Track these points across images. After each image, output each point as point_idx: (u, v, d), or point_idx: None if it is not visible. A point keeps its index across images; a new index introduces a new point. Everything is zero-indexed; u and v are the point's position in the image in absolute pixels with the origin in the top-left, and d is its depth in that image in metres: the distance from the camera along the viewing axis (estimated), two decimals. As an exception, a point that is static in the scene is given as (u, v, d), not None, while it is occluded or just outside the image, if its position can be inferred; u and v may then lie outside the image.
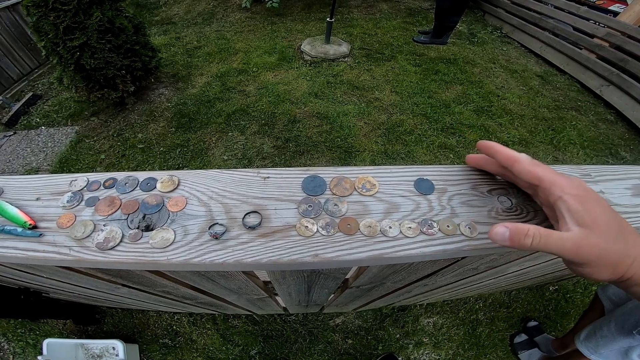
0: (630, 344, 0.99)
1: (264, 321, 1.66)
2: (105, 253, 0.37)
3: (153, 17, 4.74)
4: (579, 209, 0.31)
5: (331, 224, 0.39)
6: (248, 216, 0.39)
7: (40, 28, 2.27)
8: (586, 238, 0.30)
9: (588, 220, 0.31)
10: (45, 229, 0.40)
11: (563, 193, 0.32)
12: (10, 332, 1.57)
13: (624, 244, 0.30)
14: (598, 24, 3.36)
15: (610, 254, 0.30)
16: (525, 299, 1.78)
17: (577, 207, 0.31)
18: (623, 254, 0.30)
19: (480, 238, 0.40)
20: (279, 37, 4.10)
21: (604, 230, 0.30)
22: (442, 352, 1.60)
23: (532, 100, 3.14)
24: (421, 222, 0.40)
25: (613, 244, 0.30)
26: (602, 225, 0.30)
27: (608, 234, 0.30)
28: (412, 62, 3.61)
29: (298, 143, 2.59)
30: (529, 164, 0.35)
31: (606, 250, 0.30)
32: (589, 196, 0.32)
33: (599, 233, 0.30)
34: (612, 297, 1.16)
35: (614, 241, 0.30)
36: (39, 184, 0.45)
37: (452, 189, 0.44)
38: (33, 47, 3.50)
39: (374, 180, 0.43)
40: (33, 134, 2.75)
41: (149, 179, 0.43)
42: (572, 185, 0.33)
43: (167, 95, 3.12)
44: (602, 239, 0.30)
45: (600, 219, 0.31)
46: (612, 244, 0.30)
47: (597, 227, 0.30)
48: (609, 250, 0.30)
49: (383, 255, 0.37)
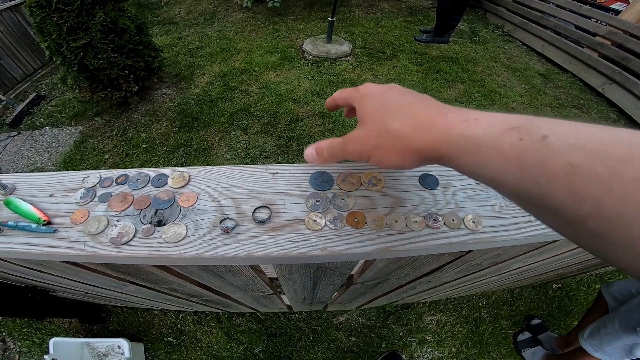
0: (634, 341, 0.99)
1: (268, 319, 1.67)
2: (119, 248, 0.38)
3: (155, 17, 4.76)
4: (358, 110, 0.33)
5: (339, 217, 0.40)
6: (258, 211, 0.40)
7: (43, 28, 2.28)
8: (355, 131, 0.32)
9: (360, 116, 0.32)
10: (59, 224, 0.41)
11: (353, 100, 0.35)
12: (16, 331, 1.58)
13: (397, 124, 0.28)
14: (600, 22, 3.35)
15: (370, 139, 0.30)
16: (529, 297, 1.78)
17: (357, 108, 0.33)
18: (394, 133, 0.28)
19: (484, 232, 0.41)
20: (281, 37, 4.10)
21: (370, 117, 0.31)
22: (445, 349, 1.61)
23: (534, 98, 3.14)
24: (427, 216, 0.41)
25: (375, 129, 0.30)
26: (369, 115, 0.31)
27: (373, 120, 0.30)
28: (414, 61, 3.61)
29: (301, 142, 2.60)
30: (338, 93, 0.38)
31: (366, 136, 0.30)
32: (370, 92, 0.33)
33: (366, 123, 0.31)
34: (616, 295, 1.17)
35: (377, 126, 0.30)
36: (51, 181, 0.46)
37: (456, 184, 0.45)
38: (36, 48, 3.52)
39: (380, 176, 0.44)
40: (37, 134, 2.77)
41: (160, 175, 0.44)
42: (358, 90, 0.34)
43: (170, 95, 3.14)
44: (366, 128, 0.31)
45: (368, 108, 0.31)
46: (375, 129, 0.30)
47: (365, 117, 0.31)
48: (369, 136, 0.30)
49: (390, 248, 0.38)
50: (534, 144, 0.20)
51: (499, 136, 0.21)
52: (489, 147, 0.22)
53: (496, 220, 0.42)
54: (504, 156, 0.21)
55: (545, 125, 0.20)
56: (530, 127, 0.20)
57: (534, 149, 0.19)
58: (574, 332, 1.34)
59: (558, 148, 0.18)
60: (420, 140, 0.27)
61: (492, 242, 0.41)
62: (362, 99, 0.33)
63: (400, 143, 0.28)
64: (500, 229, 0.42)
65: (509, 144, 0.21)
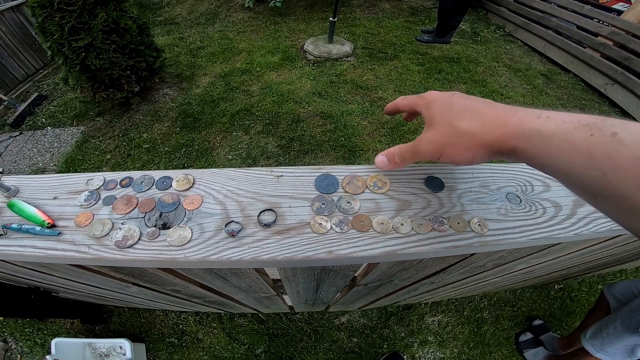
0: (636, 342, 0.99)
1: (270, 320, 1.67)
2: (124, 251, 0.38)
3: (156, 17, 4.77)
4: (425, 114, 0.36)
5: (344, 221, 0.40)
6: (263, 214, 0.40)
7: (45, 29, 2.29)
8: (424, 134, 0.35)
9: (429, 120, 0.35)
10: (64, 227, 0.41)
11: (418, 107, 0.38)
12: (18, 332, 1.58)
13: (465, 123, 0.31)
14: (602, 23, 3.35)
15: (440, 139, 0.33)
16: (531, 297, 1.77)
17: (425, 113, 0.36)
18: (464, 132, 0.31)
19: (490, 235, 0.41)
20: (282, 37, 4.10)
21: (438, 120, 0.34)
22: (447, 350, 1.61)
23: (536, 99, 3.13)
24: (432, 219, 0.41)
25: (445, 130, 0.33)
26: (437, 118, 0.34)
27: (441, 122, 0.33)
28: (415, 61, 3.61)
29: (302, 142, 2.60)
30: (401, 99, 0.41)
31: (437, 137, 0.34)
32: (436, 99, 0.36)
33: (435, 126, 0.34)
34: (618, 296, 1.16)
35: (446, 127, 0.33)
36: (55, 183, 0.46)
37: (461, 187, 0.45)
38: (38, 48, 3.53)
39: (385, 179, 0.44)
40: (39, 135, 2.77)
41: (164, 178, 0.44)
42: (423, 97, 0.38)
43: (172, 95, 3.14)
44: (435, 130, 0.34)
45: (436, 112, 0.34)
46: (444, 130, 0.33)
47: (434, 121, 0.34)
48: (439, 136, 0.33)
49: (396, 252, 0.38)
50: (604, 139, 0.22)
51: (572, 131, 0.24)
52: (561, 140, 0.24)
53: (501, 223, 0.42)
54: (575, 148, 0.23)
55: (617, 123, 0.22)
56: (602, 124, 0.23)
57: (604, 144, 0.21)
58: (576, 333, 1.34)
59: (628, 144, 0.20)
60: (491, 135, 0.30)
61: (498, 245, 0.41)
62: (430, 105, 0.36)
63: (469, 140, 0.31)
64: (506, 232, 0.42)
65: (581, 137, 0.23)
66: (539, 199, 0.46)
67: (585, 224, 0.43)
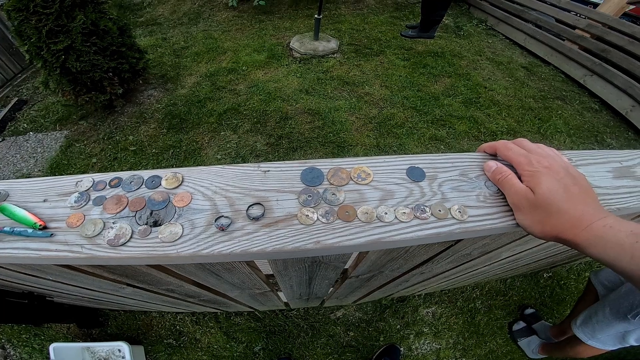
0: (627, 328, 0.99)
1: (266, 317, 1.68)
2: (117, 249, 0.38)
3: (137, 18, 4.67)
4: (533, 183, 0.40)
5: (330, 212, 0.41)
6: (251, 208, 0.42)
7: (22, 32, 2.23)
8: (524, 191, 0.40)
9: (539, 192, 0.39)
10: (56, 229, 0.41)
11: (525, 171, 0.42)
12: (15, 338, 1.56)
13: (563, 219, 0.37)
14: (579, 16, 3.44)
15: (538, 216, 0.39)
16: (521, 286, 1.82)
17: (533, 181, 0.40)
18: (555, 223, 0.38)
19: (470, 221, 0.43)
20: (268, 35, 4.08)
21: (546, 202, 0.38)
22: (442, 341, 1.64)
23: (518, 91, 3.21)
24: (414, 208, 0.43)
25: (546, 214, 0.38)
26: (546, 198, 0.38)
27: (549, 207, 0.38)
28: (400, 56, 3.65)
29: (291, 140, 2.60)
30: (504, 148, 0.46)
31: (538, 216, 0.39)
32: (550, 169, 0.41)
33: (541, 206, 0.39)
34: (605, 282, 1.17)
35: (549, 213, 0.38)
36: (44, 186, 0.47)
37: (442, 176, 0.47)
38: (15, 52, 3.42)
39: (369, 170, 0.46)
40: (21, 140, 2.70)
41: (153, 177, 0.45)
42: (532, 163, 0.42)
43: (157, 96, 3.09)
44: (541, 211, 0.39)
45: (546, 192, 0.39)
46: (546, 214, 0.38)
47: (542, 200, 0.39)
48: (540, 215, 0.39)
49: (381, 240, 0.40)
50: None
51: (623, 238, 0.33)
52: (614, 244, 0.33)
53: (481, 210, 0.44)
54: (623, 250, 0.33)
55: None
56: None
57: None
58: (568, 321, 1.35)
59: None
60: (568, 233, 0.37)
61: (478, 231, 0.43)
62: (542, 176, 0.40)
63: (553, 229, 0.38)
64: (485, 218, 0.44)
65: (629, 243, 0.32)
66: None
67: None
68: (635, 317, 0.94)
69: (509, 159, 0.45)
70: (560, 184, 0.39)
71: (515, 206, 0.41)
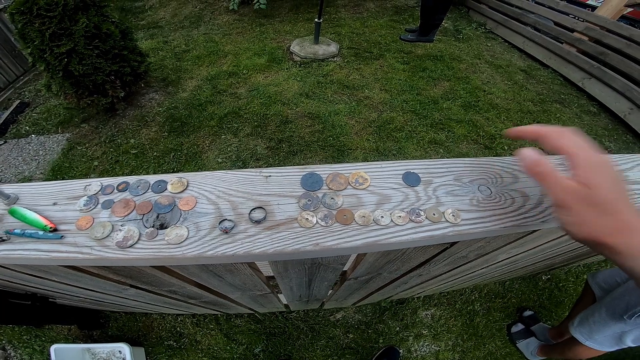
0: (623, 329, 1.00)
1: (266, 319, 1.69)
2: (126, 251, 0.40)
3: (139, 21, 4.71)
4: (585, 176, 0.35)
5: (329, 215, 0.43)
6: (254, 211, 0.43)
7: (25, 35, 2.25)
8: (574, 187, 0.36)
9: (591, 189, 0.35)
10: (66, 231, 0.43)
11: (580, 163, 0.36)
12: (16, 339, 1.57)
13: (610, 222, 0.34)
14: (577, 19, 3.47)
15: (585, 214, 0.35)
16: (520, 289, 1.83)
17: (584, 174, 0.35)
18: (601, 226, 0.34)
19: (463, 224, 0.45)
20: (268, 39, 4.12)
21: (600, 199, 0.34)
22: (441, 343, 1.65)
23: (517, 94, 3.23)
24: (410, 211, 0.44)
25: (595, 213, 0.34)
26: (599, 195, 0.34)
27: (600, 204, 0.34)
28: (400, 60, 3.67)
29: (291, 143, 2.62)
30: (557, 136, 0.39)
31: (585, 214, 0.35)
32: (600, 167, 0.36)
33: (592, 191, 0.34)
34: (602, 284, 1.18)
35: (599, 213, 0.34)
36: (53, 189, 0.49)
37: (437, 181, 0.49)
38: (17, 54, 3.45)
39: (366, 175, 0.48)
40: (23, 143, 2.72)
41: (159, 182, 0.47)
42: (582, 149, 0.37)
43: (158, 99, 3.12)
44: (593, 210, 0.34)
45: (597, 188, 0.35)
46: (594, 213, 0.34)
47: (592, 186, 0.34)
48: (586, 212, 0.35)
49: (377, 242, 0.41)
50: None
51: None
52: None
53: (474, 213, 0.46)
54: None
55: None
56: None
57: None
58: (566, 322, 1.35)
59: None
60: (610, 239, 0.34)
61: (471, 234, 0.45)
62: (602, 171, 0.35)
63: (596, 233, 0.35)
64: (478, 221, 0.45)
65: None
66: (508, 190, 0.50)
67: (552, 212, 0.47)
68: (631, 318, 0.95)
69: (561, 148, 0.38)
70: (617, 181, 0.35)
71: (563, 203, 0.36)
